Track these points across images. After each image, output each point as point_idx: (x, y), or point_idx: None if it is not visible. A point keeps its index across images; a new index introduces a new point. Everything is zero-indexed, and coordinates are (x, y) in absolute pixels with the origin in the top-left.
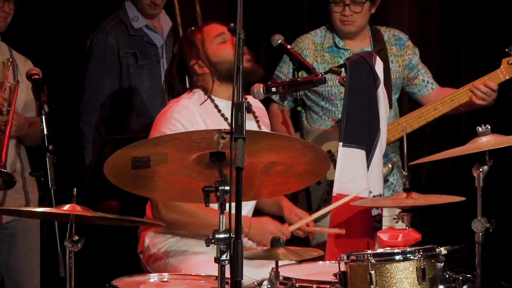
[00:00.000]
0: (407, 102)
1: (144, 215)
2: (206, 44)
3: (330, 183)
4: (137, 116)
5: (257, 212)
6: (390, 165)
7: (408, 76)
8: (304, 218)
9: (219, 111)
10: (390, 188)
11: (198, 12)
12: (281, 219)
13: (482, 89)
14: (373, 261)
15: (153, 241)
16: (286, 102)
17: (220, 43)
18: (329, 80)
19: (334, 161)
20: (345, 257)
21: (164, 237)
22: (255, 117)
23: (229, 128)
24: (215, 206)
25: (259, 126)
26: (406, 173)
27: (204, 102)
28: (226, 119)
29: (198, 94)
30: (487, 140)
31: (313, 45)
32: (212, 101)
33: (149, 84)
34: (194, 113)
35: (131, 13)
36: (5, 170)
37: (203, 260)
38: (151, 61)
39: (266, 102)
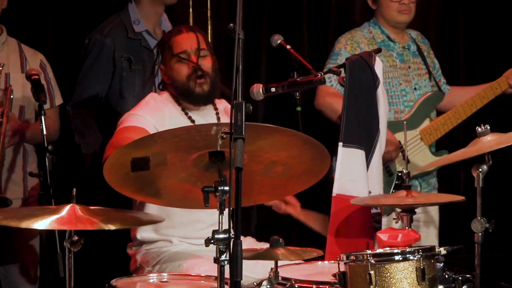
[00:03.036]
0: None
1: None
2: (168, 58)
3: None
4: None
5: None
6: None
7: (434, 75)
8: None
9: (186, 114)
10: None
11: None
12: None
13: None
14: (372, 261)
15: (145, 259)
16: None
17: (178, 61)
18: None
19: (403, 152)
20: (344, 257)
21: (157, 254)
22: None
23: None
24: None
25: (218, 118)
26: (406, 171)
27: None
28: (193, 121)
29: (166, 95)
30: (488, 141)
31: (365, 39)
32: (179, 105)
33: (140, 89)
34: (162, 107)
35: (133, 16)
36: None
37: (200, 271)
38: (145, 66)
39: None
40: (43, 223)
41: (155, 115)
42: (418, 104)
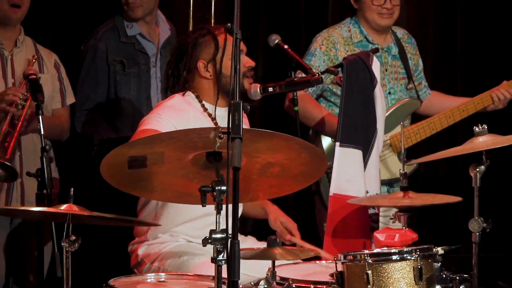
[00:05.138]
0: None
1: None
2: (222, 53)
3: None
4: (123, 122)
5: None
6: (415, 164)
7: (414, 78)
8: (294, 230)
9: (210, 115)
10: None
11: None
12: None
13: (506, 95)
14: (370, 261)
15: (147, 254)
16: (311, 91)
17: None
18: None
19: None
20: (342, 257)
21: (158, 248)
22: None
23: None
24: (212, 206)
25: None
26: (403, 172)
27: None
28: (216, 124)
29: (190, 97)
30: (484, 140)
31: (342, 39)
32: (205, 109)
33: (136, 93)
34: (187, 110)
35: (126, 20)
36: (7, 163)
37: (201, 263)
38: (140, 69)
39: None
40: (39, 209)
41: (177, 116)
42: (392, 110)
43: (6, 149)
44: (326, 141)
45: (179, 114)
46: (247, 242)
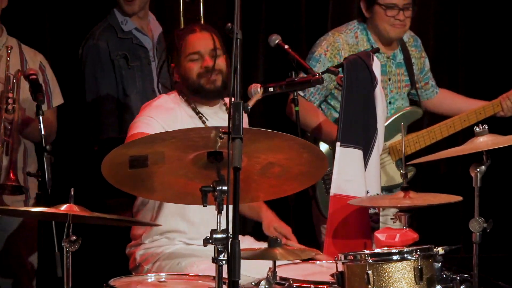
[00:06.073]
0: None
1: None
2: (181, 56)
3: None
4: (132, 117)
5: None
6: (413, 171)
7: (420, 80)
8: (288, 234)
9: (198, 113)
10: None
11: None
12: None
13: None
14: (370, 261)
15: (145, 258)
16: (312, 98)
17: (190, 60)
18: None
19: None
20: (342, 257)
21: (156, 251)
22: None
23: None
24: (212, 207)
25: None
26: (403, 172)
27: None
28: (204, 122)
29: (175, 95)
30: (484, 140)
31: (347, 46)
32: (193, 108)
33: (141, 85)
34: (174, 109)
35: (120, 17)
36: (16, 184)
37: (200, 270)
38: (142, 62)
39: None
40: (39, 209)
41: (165, 116)
42: (393, 118)
43: (8, 170)
44: (324, 146)
45: (166, 113)
46: (245, 243)
